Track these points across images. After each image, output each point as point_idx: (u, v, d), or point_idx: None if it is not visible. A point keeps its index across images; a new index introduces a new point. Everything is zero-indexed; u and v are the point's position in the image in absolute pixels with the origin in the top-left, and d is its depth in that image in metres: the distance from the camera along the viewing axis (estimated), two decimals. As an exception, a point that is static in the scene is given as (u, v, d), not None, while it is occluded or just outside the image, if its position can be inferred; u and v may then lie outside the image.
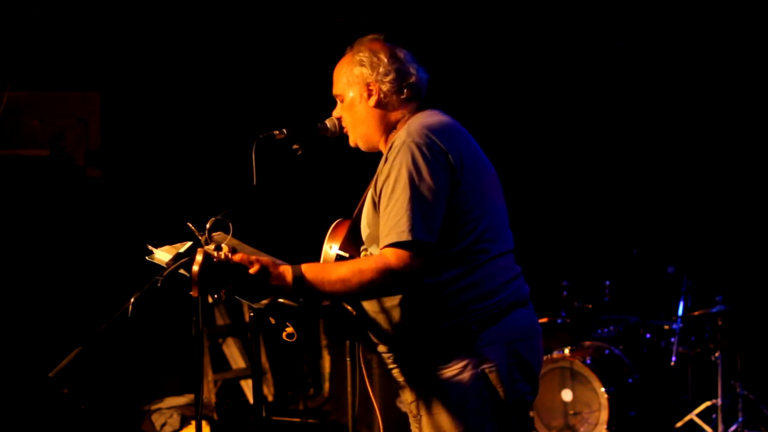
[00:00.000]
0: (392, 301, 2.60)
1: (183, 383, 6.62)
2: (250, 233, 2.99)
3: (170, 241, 2.71)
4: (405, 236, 2.45)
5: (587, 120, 6.92)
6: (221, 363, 6.94)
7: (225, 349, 7.02)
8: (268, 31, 6.42)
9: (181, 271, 2.45)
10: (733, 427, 5.61)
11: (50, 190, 6.43)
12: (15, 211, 6.22)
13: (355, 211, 2.79)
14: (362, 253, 2.71)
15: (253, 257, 2.44)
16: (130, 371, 6.45)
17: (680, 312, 6.06)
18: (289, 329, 2.61)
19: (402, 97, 2.73)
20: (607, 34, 6.55)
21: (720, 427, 5.55)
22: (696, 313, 5.81)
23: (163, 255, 2.66)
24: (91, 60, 6.37)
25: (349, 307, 2.71)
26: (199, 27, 6.31)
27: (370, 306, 2.65)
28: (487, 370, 2.56)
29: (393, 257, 2.46)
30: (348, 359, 2.82)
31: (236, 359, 6.98)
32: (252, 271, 2.41)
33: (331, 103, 2.99)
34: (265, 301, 2.57)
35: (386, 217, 2.50)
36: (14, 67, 6.07)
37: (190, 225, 2.41)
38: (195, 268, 2.30)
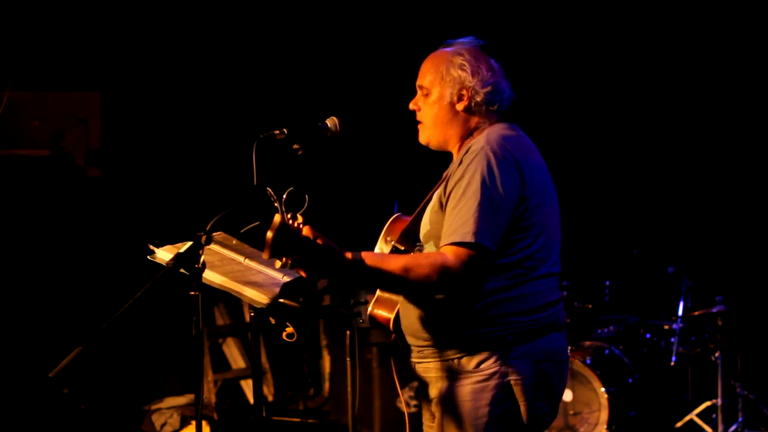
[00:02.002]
0: (438, 300, 2.63)
1: (183, 383, 6.61)
2: (250, 233, 2.99)
3: (171, 241, 2.71)
4: (469, 238, 2.49)
5: (587, 120, 6.92)
6: (221, 363, 6.94)
7: (225, 349, 7.02)
8: (268, 31, 6.42)
9: (182, 270, 2.45)
10: (733, 427, 5.61)
11: (50, 190, 6.43)
12: (15, 211, 6.22)
13: (417, 209, 2.83)
14: (416, 250, 2.76)
15: (318, 233, 2.45)
16: (130, 371, 6.45)
17: (680, 312, 6.06)
18: (289, 329, 2.61)
19: (491, 108, 2.76)
20: (607, 34, 6.55)
21: (720, 427, 5.55)
22: (696, 313, 5.81)
23: (164, 254, 2.66)
24: (91, 60, 6.37)
25: (393, 297, 2.76)
26: (199, 27, 6.31)
27: (415, 300, 2.69)
28: (512, 382, 2.60)
29: (452, 256, 2.50)
30: (348, 359, 2.82)
31: (236, 359, 6.98)
32: (319, 241, 2.43)
33: (329, 102, 2.99)
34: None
35: (453, 217, 2.55)
36: (14, 67, 6.07)
37: (269, 190, 2.42)
38: (270, 233, 2.33)
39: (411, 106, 2.84)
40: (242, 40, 6.45)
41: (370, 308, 2.85)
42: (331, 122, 2.85)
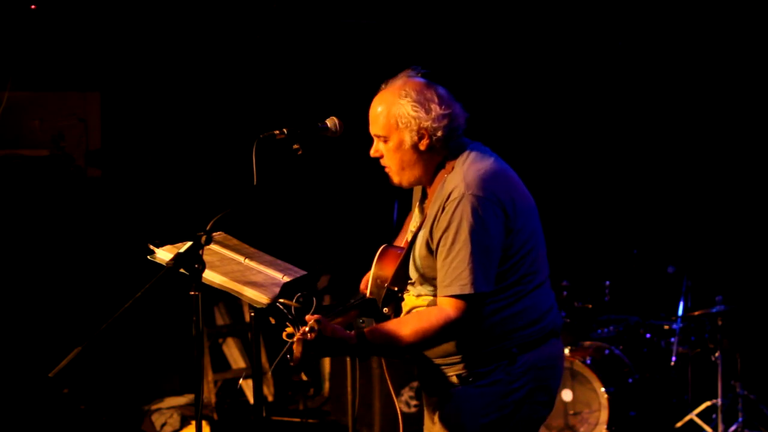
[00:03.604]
0: None
1: (183, 383, 6.61)
2: (250, 233, 2.99)
3: (171, 241, 2.71)
4: (467, 289, 2.58)
5: (587, 120, 6.92)
6: (221, 363, 6.94)
7: (225, 349, 7.02)
8: (268, 31, 6.42)
9: (182, 270, 2.45)
10: (733, 427, 5.61)
11: (50, 190, 6.43)
12: (15, 211, 6.21)
13: (404, 245, 2.86)
14: (409, 286, 2.81)
15: (328, 326, 2.53)
16: (130, 371, 6.45)
17: (680, 312, 6.05)
18: (289, 329, 2.61)
19: (450, 140, 2.75)
20: (607, 34, 6.55)
21: (720, 427, 5.55)
22: (696, 313, 5.80)
23: (164, 254, 2.66)
24: (91, 60, 6.37)
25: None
26: (199, 27, 6.31)
27: None
28: (516, 389, 2.69)
29: (453, 309, 2.60)
30: (348, 359, 2.82)
31: (236, 359, 6.98)
32: (328, 335, 2.53)
33: (329, 102, 2.99)
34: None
35: (447, 268, 2.61)
36: (14, 67, 6.07)
37: (280, 304, 2.62)
38: (296, 354, 2.46)
39: (372, 154, 2.81)
40: (242, 40, 6.45)
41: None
42: (331, 122, 2.85)
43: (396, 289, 2.80)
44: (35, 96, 6.47)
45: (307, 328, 2.48)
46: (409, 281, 2.81)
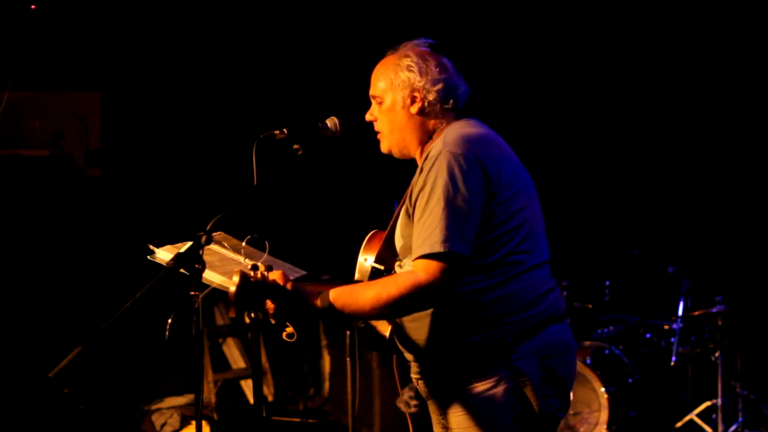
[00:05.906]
0: (424, 312, 2.55)
1: (183, 383, 6.62)
2: (250, 233, 2.99)
3: (171, 241, 2.71)
4: (438, 247, 2.40)
5: (587, 120, 6.92)
6: (221, 363, 6.94)
7: (225, 349, 7.02)
8: (268, 31, 6.42)
9: (182, 270, 2.45)
10: (733, 427, 5.61)
11: (50, 190, 6.43)
12: (15, 211, 6.22)
13: (390, 223, 2.75)
14: (396, 265, 2.69)
15: (288, 279, 2.44)
16: (130, 371, 6.45)
17: (680, 312, 6.06)
18: (289, 329, 2.60)
19: (445, 107, 2.68)
20: (607, 34, 6.56)
21: (720, 427, 5.55)
22: (696, 313, 5.80)
23: (164, 254, 2.66)
24: (91, 60, 6.38)
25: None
26: (199, 27, 6.31)
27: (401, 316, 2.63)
28: (520, 384, 2.52)
29: (423, 271, 2.41)
30: (348, 359, 2.81)
31: (236, 359, 6.98)
32: (289, 287, 2.43)
33: (329, 102, 2.99)
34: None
35: (420, 228, 2.45)
36: (14, 67, 6.07)
37: (244, 243, 2.46)
38: (232, 288, 2.35)
39: (367, 117, 2.77)
40: (242, 40, 6.46)
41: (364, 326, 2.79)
42: (331, 122, 2.84)
43: (382, 268, 2.69)
44: (35, 96, 6.48)
45: (249, 265, 2.38)
46: (397, 259, 2.69)
